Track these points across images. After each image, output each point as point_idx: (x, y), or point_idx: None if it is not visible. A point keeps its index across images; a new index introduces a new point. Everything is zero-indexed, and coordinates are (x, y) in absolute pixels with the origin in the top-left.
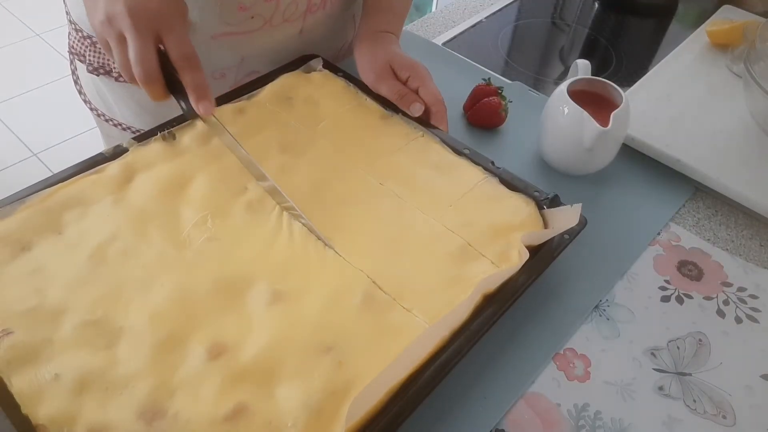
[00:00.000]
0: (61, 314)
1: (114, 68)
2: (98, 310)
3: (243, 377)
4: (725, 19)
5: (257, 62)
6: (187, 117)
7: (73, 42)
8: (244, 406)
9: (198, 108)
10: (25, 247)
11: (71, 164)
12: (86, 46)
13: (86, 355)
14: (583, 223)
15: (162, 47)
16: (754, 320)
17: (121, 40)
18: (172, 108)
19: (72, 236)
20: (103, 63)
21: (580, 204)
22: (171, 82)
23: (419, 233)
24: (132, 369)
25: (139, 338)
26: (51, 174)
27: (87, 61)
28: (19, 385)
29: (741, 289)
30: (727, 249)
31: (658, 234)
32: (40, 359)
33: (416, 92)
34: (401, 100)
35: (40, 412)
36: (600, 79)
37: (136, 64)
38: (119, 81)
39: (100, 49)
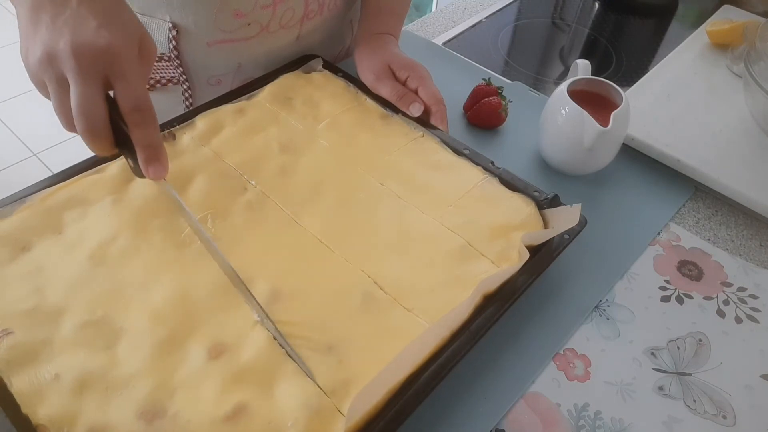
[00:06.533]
0: (61, 314)
1: None
2: (98, 310)
3: (243, 377)
4: (725, 19)
5: (254, 69)
6: (135, 175)
7: None
8: (244, 406)
9: (147, 171)
10: (25, 247)
11: (71, 164)
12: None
13: (86, 355)
14: (583, 223)
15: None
16: (754, 320)
17: (63, 83)
18: (168, 113)
19: (72, 236)
20: None
21: (580, 204)
22: (119, 134)
23: (419, 233)
24: (132, 369)
25: (139, 338)
26: (51, 174)
27: None
28: (19, 385)
29: (741, 289)
30: (727, 249)
31: (658, 234)
32: (40, 359)
33: (416, 92)
34: (401, 101)
35: (40, 412)
36: (600, 79)
37: (78, 116)
38: None
39: None
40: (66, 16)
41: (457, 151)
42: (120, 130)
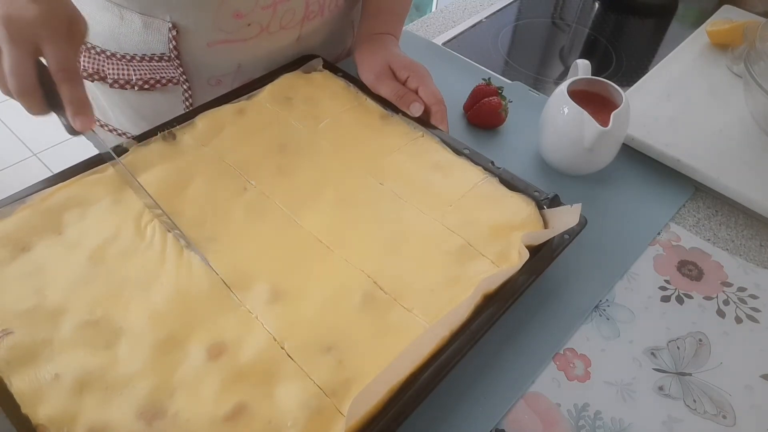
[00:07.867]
0: (60, 314)
1: (108, 74)
2: (98, 310)
3: (243, 377)
4: (725, 19)
5: (254, 69)
6: (68, 132)
7: None
8: (243, 405)
9: (74, 123)
10: (24, 247)
11: (71, 164)
12: (80, 52)
13: (86, 355)
14: (583, 223)
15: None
16: (754, 320)
17: None
18: (169, 113)
19: (72, 236)
20: (98, 69)
21: (580, 204)
22: (54, 97)
23: (419, 233)
24: (132, 369)
25: (139, 338)
26: (51, 174)
27: (81, 67)
28: (19, 385)
29: (741, 289)
30: (727, 249)
31: (658, 234)
32: (40, 359)
33: (416, 92)
34: (401, 101)
35: (40, 412)
36: (600, 79)
37: (10, 76)
38: (114, 87)
39: (94, 54)
40: None
41: (457, 151)
42: (54, 94)
